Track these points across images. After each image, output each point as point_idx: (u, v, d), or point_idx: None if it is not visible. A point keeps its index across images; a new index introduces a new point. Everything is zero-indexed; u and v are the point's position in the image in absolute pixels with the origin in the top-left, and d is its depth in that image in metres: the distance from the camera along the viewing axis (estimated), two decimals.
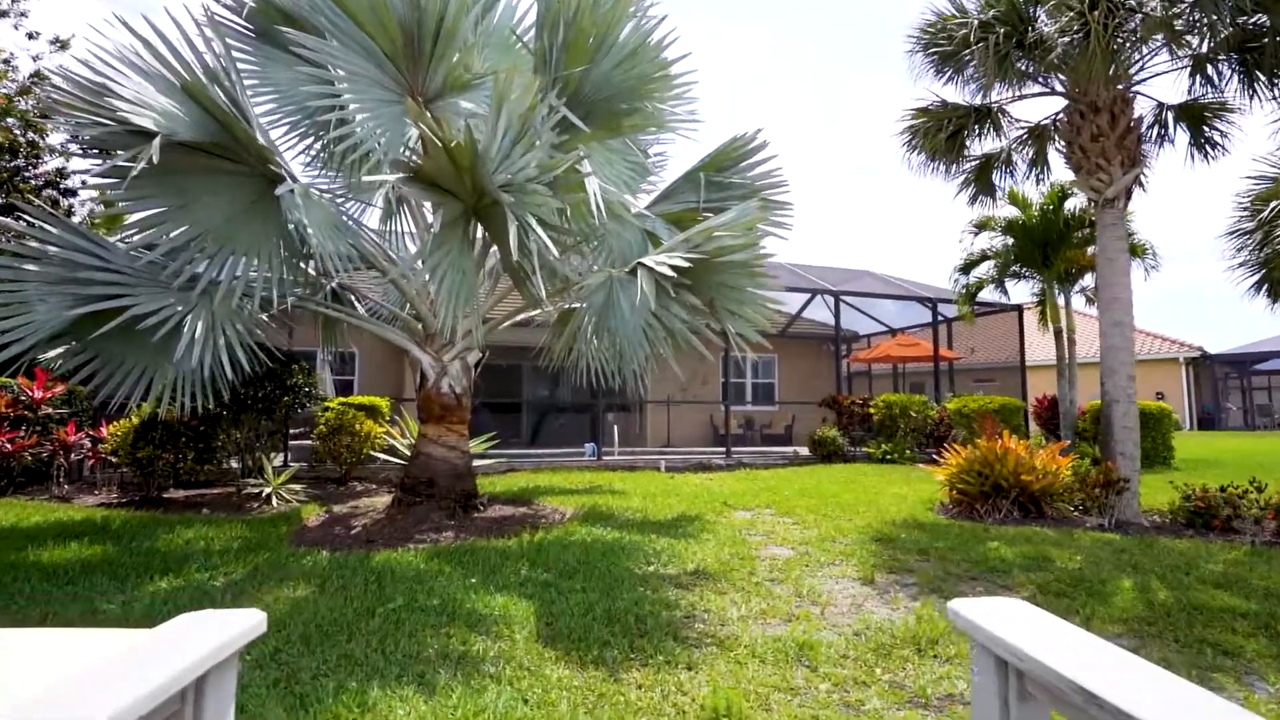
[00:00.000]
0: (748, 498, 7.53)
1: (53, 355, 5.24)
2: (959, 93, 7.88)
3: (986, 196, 9.10)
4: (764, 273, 5.99)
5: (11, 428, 7.64)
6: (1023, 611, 1.46)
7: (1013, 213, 11.34)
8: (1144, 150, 7.35)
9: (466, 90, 6.06)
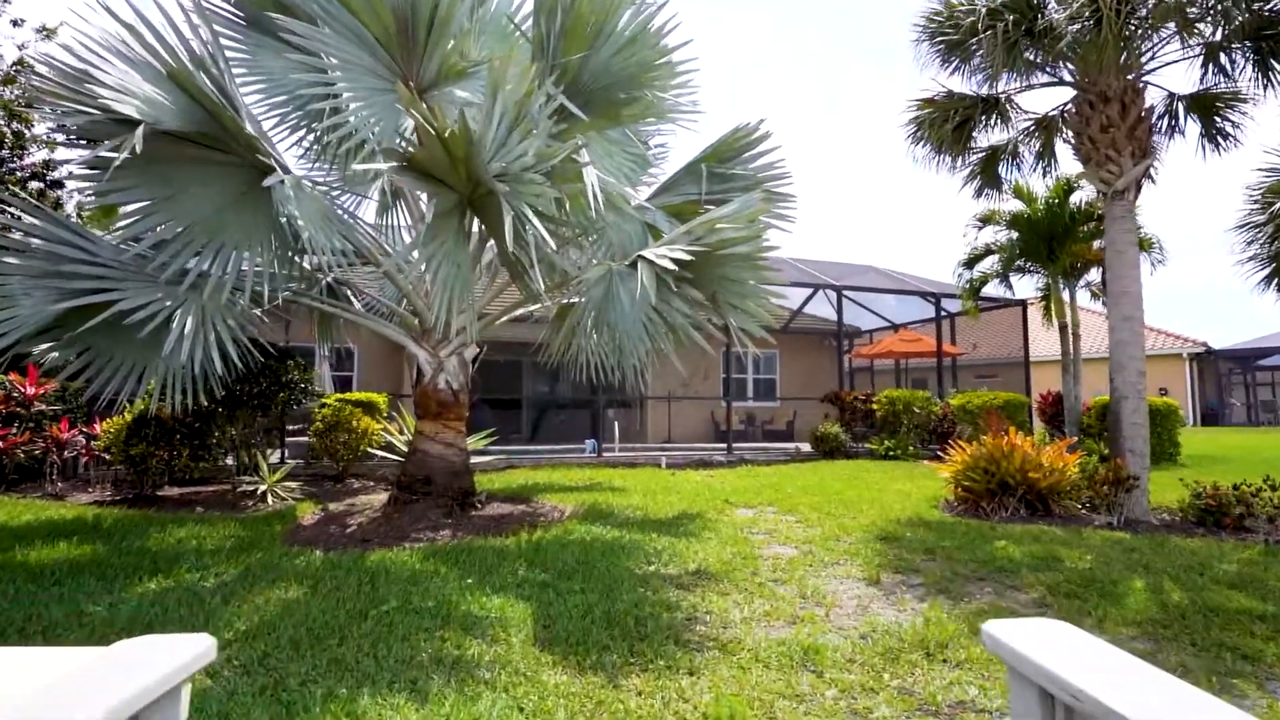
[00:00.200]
0: (749, 495, 7.42)
1: (40, 350, 5.14)
2: (965, 83, 7.73)
3: (992, 189, 8.95)
4: (767, 266, 5.86)
5: (4, 425, 7.54)
6: (1069, 636, 1.31)
7: (1017, 206, 11.20)
8: (1154, 142, 7.21)
9: (462, 78, 5.93)
